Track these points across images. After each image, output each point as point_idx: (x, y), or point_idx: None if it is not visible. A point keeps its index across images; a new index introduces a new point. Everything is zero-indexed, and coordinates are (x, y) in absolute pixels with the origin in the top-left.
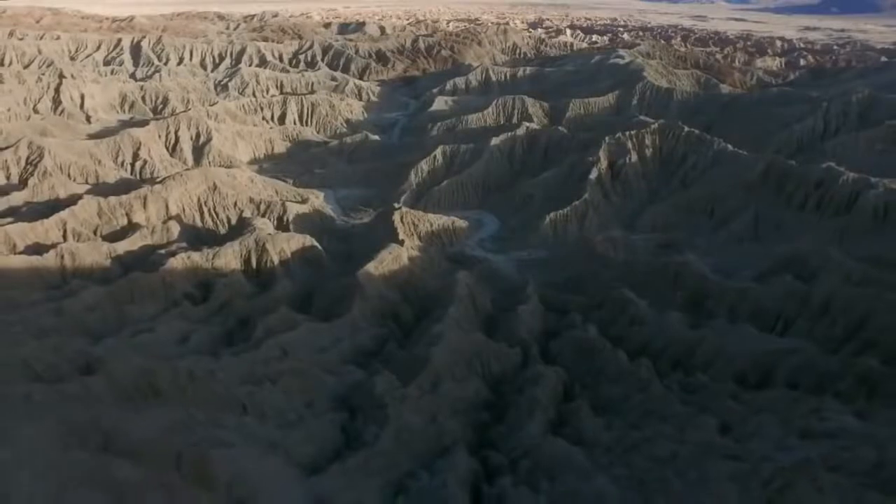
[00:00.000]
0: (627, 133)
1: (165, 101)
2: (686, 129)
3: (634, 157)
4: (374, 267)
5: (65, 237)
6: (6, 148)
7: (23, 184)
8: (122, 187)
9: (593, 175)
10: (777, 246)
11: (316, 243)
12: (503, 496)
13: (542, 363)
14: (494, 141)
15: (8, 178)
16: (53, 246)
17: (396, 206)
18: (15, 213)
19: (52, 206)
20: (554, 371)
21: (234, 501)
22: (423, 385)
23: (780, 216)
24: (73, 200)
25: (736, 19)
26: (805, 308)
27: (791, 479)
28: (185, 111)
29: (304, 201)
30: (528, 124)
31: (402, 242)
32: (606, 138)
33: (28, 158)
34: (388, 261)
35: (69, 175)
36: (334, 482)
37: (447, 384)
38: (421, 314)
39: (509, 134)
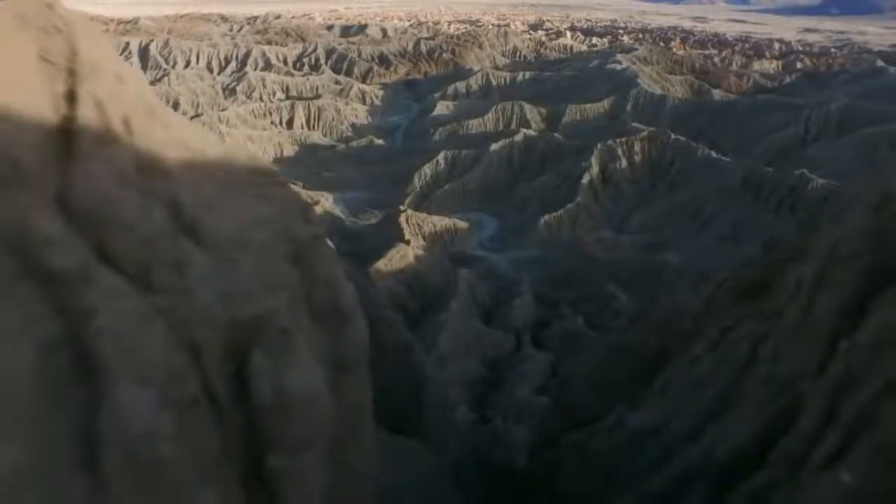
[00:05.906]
0: (618, 140)
1: (176, 106)
2: (673, 136)
3: (624, 163)
4: (383, 264)
5: None
6: None
7: None
8: None
9: (585, 180)
10: (753, 246)
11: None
12: (495, 429)
13: (533, 348)
14: (494, 147)
15: None
16: None
17: (402, 208)
18: None
19: None
20: (543, 355)
21: None
22: (430, 364)
23: (757, 219)
24: None
25: (736, 21)
26: None
27: None
28: (196, 116)
29: (314, 203)
30: (525, 130)
31: (408, 242)
32: (599, 145)
33: None
34: (396, 259)
35: None
36: None
37: (450, 364)
38: (426, 307)
39: (508, 140)
